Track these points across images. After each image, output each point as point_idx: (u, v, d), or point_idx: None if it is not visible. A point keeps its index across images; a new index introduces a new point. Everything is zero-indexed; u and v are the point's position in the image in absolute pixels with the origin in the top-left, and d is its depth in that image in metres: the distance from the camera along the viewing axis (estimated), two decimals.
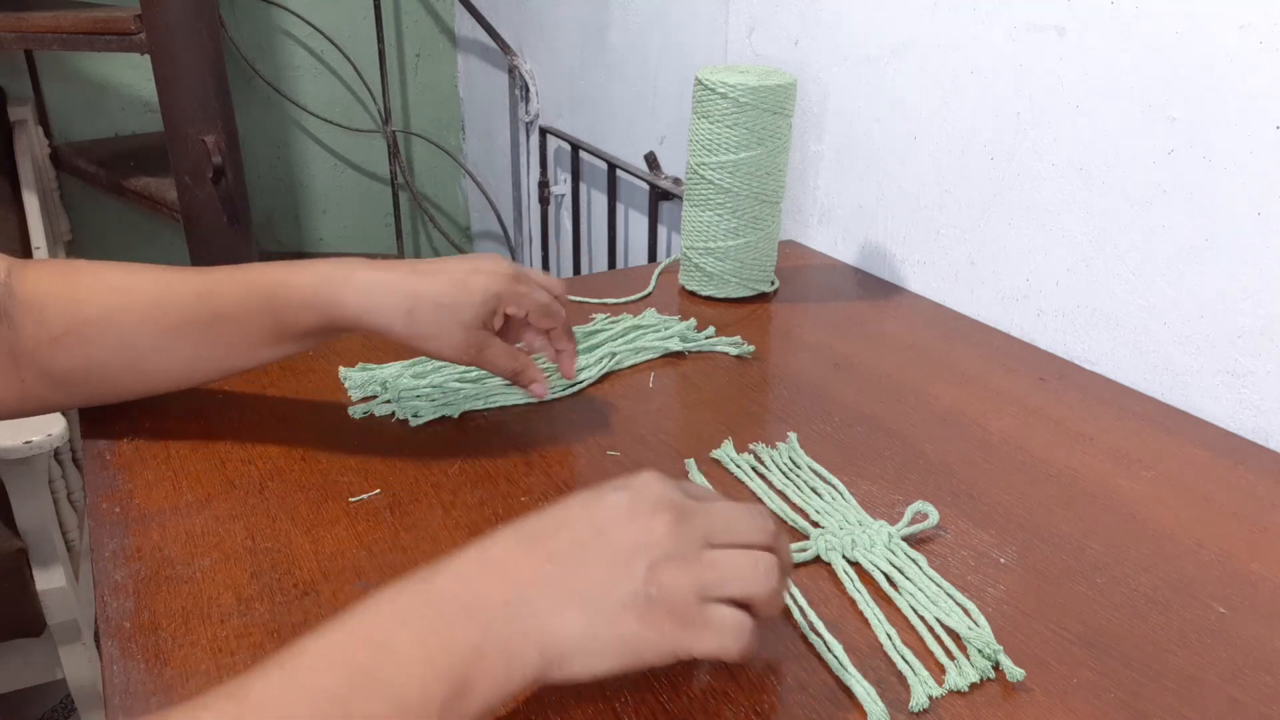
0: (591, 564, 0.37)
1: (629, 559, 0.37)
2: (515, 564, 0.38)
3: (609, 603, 0.37)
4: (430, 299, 0.54)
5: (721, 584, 0.38)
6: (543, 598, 0.37)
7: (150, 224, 1.89)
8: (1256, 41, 0.62)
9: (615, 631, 0.37)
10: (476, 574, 0.37)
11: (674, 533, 0.38)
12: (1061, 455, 0.62)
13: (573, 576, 0.37)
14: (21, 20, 1.33)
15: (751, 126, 0.78)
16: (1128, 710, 0.42)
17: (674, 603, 0.37)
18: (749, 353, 0.75)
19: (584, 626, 0.36)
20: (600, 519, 0.39)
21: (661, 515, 0.39)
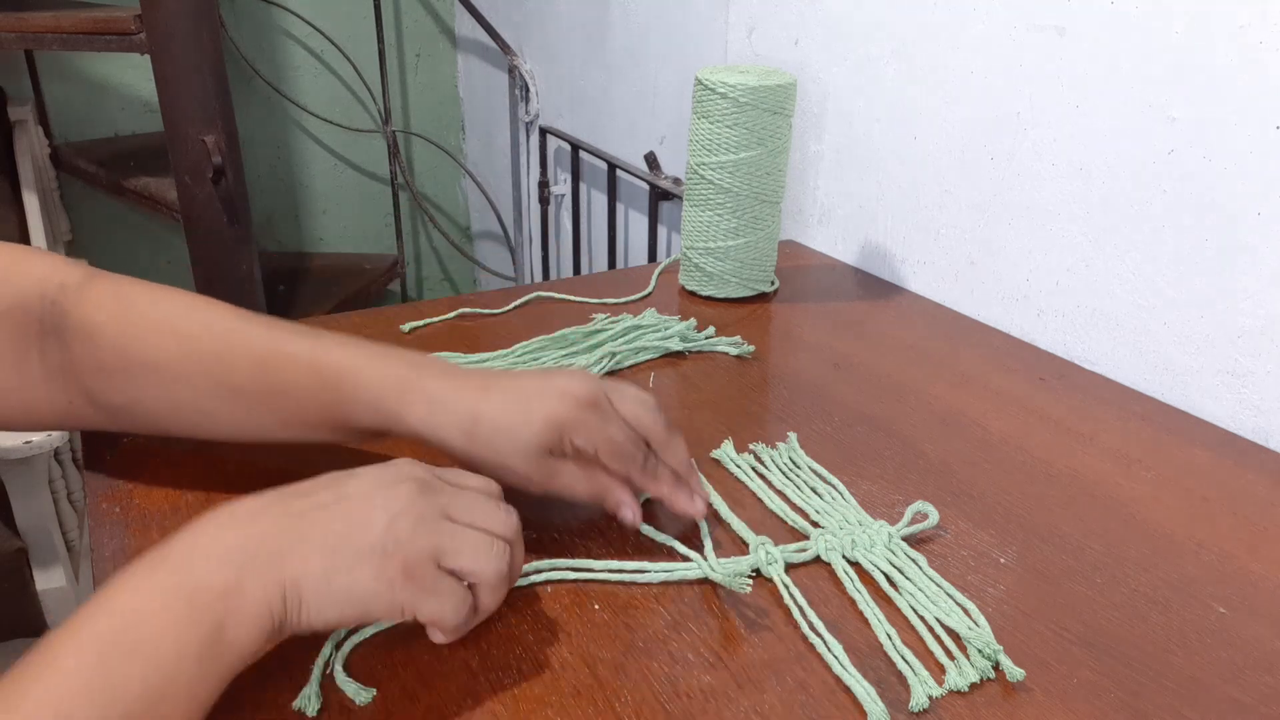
0: (333, 518, 0.39)
1: (370, 514, 0.40)
2: (255, 517, 0.39)
3: (347, 551, 0.39)
4: (488, 422, 0.48)
5: (455, 554, 0.40)
6: (283, 542, 0.38)
7: (150, 224, 1.89)
8: (1256, 41, 0.62)
9: (350, 579, 0.38)
10: (214, 529, 0.38)
11: (415, 500, 0.41)
12: (1061, 455, 0.62)
13: (314, 527, 0.39)
14: (21, 20, 1.33)
15: (751, 126, 0.78)
16: (1128, 710, 0.42)
17: (407, 559, 0.39)
18: (749, 353, 0.75)
19: (321, 571, 0.38)
20: (346, 487, 0.41)
21: (405, 485, 0.41)
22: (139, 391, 0.51)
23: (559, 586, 0.49)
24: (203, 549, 0.37)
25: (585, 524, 0.54)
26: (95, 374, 0.50)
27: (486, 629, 0.46)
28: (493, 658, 0.44)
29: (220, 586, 0.36)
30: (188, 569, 0.36)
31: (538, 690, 0.42)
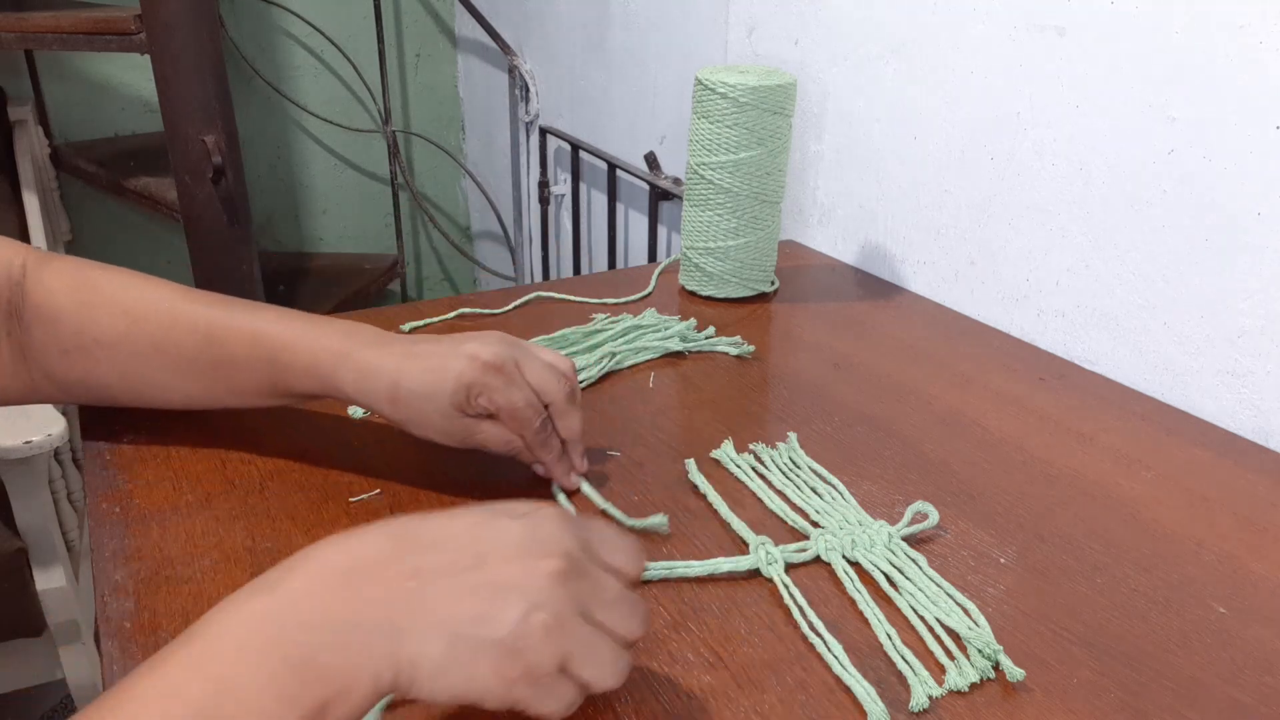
0: (462, 596, 0.35)
1: (504, 600, 0.35)
2: (378, 576, 0.35)
3: (472, 640, 0.35)
4: (407, 386, 0.52)
5: (581, 664, 0.36)
6: (406, 619, 0.34)
7: (150, 224, 1.89)
8: (1256, 41, 0.62)
9: (469, 671, 0.35)
10: (331, 585, 0.34)
11: (556, 588, 0.36)
12: (1061, 455, 0.62)
13: (441, 602, 0.35)
14: (21, 20, 1.33)
15: (751, 126, 0.78)
16: (1128, 710, 0.42)
17: (532, 665, 0.35)
18: (749, 353, 0.75)
19: (441, 657, 0.34)
20: (483, 545, 0.36)
21: (550, 562, 0.36)
22: (94, 366, 0.55)
23: None
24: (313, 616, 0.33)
25: None
26: (56, 355, 0.54)
27: None
28: None
29: (331, 668, 0.33)
30: (294, 642, 0.33)
31: None
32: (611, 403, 0.67)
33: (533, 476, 0.58)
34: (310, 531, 0.52)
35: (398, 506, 0.55)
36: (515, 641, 0.35)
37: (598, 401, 0.68)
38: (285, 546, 0.51)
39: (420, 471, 0.58)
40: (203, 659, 0.32)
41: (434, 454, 0.60)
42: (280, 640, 0.33)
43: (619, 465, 0.60)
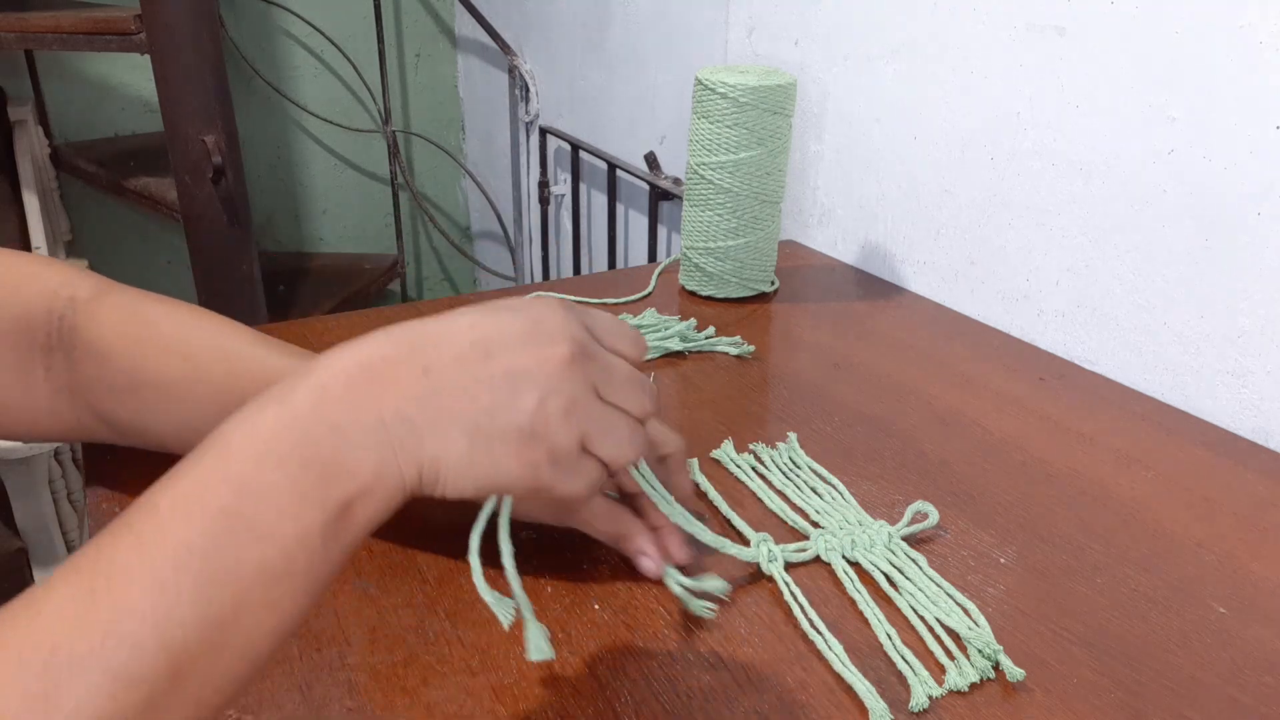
0: (476, 387, 0.35)
1: (518, 388, 0.35)
2: (390, 375, 0.34)
3: (493, 430, 0.35)
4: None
5: (600, 442, 0.37)
6: (424, 416, 0.34)
7: (150, 224, 1.89)
8: (1256, 41, 0.62)
9: (492, 459, 0.35)
10: (345, 387, 0.34)
11: (568, 372, 0.36)
12: (1061, 455, 0.62)
13: (456, 397, 0.35)
14: (21, 20, 1.33)
15: (751, 126, 0.78)
16: (1128, 710, 0.42)
17: (555, 445, 0.36)
18: (749, 353, 0.75)
19: (464, 450, 0.35)
20: (490, 339, 0.36)
21: (559, 348, 0.36)
22: (146, 410, 0.50)
23: (559, 586, 0.49)
24: (331, 413, 0.33)
25: None
26: (105, 393, 0.49)
27: (487, 629, 0.46)
28: (493, 658, 0.44)
29: (352, 467, 0.32)
30: (313, 438, 0.32)
31: (538, 690, 0.42)
32: None
33: None
34: None
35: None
36: (535, 426, 0.35)
37: None
38: None
39: None
40: (220, 468, 0.32)
41: None
42: (300, 443, 0.32)
43: None
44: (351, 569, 0.50)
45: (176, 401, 0.49)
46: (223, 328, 0.52)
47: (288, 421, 0.33)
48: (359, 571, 0.49)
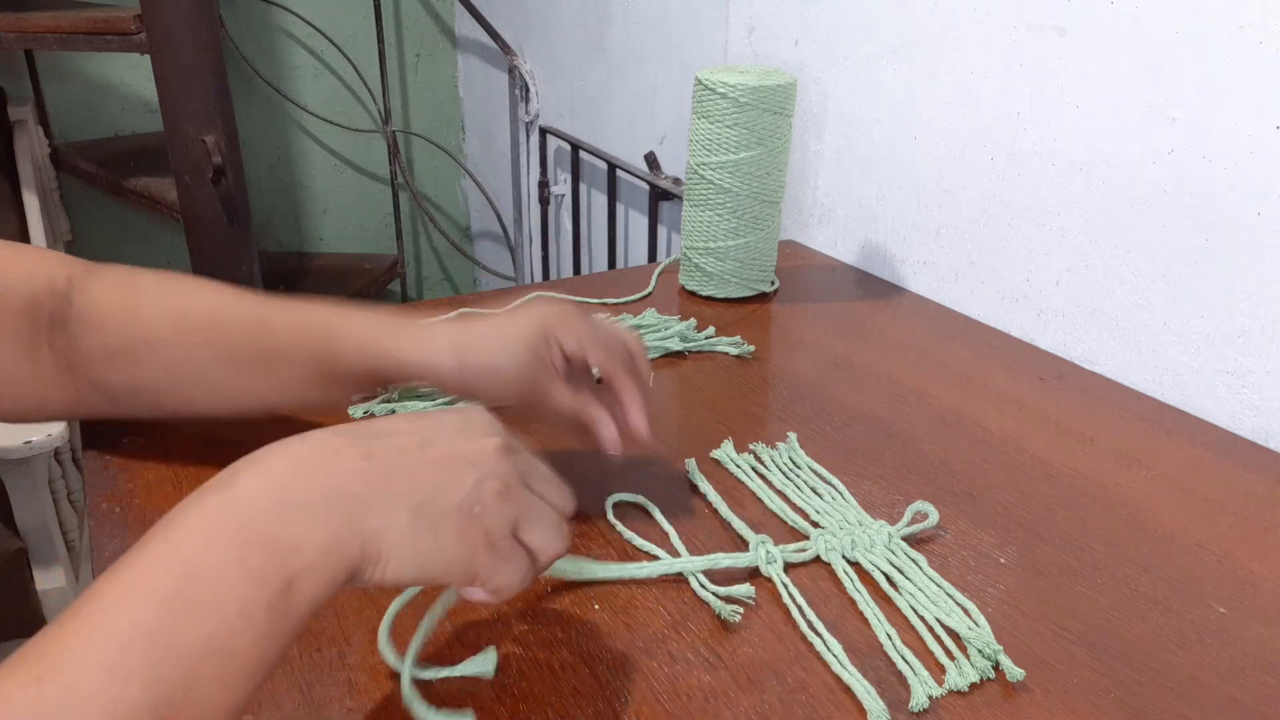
0: (417, 469, 0.37)
1: (458, 469, 0.37)
2: (331, 460, 0.35)
3: (435, 507, 0.36)
4: (477, 342, 0.51)
5: (530, 527, 0.39)
6: (368, 493, 0.35)
7: (150, 224, 1.89)
8: (1256, 41, 0.62)
9: (434, 536, 0.36)
10: (289, 470, 0.35)
11: (501, 460, 0.38)
12: (1061, 455, 0.62)
13: (398, 477, 0.36)
14: (21, 20, 1.33)
15: (751, 126, 0.78)
16: (1128, 710, 0.42)
17: (491, 526, 0.37)
18: (749, 353, 0.75)
19: (408, 526, 0.35)
20: (428, 433, 0.38)
21: (492, 439, 0.39)
22: (142, 370, 0.53)
23: (559, 586, 0.49)
24: (278, 496, 0.34)
25: (585, 524, 0.54)
26: (103, 361, 0.52)
27: (487, 629, 0.46)
28: None
29: (294, 541, 0.33)
30: (258, 517, 0.33)
31: (538, 690, 0.42)
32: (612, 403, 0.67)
33: None
34: None
35: None
36: (473, 505, 0.37)
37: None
38: None
39: None
40: (167, 552, 0.32)
41: None
42: (245, 523, 0.33)
43: (619, 465, 0.60)
44: None
45: (170, 356, 0.52)
46: (208, 286, 0.55)
47: (232, 504, 0.33)
48: None
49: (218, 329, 0.53)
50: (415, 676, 0.42)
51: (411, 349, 0.52)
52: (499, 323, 0.52)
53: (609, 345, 0.52)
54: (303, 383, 0.53)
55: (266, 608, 0.32)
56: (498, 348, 0.51)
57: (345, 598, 0.47)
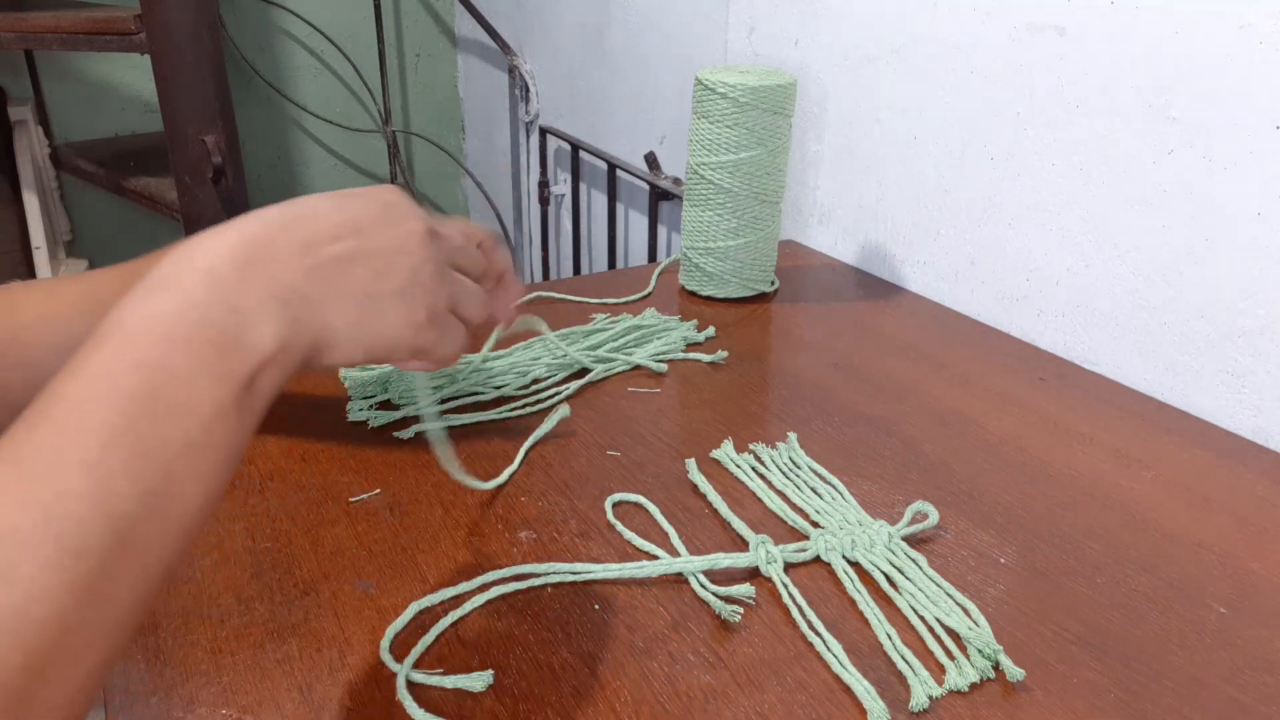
0: (356, 263, 0.39)
1: (394, 259, 0.40)
2: (272, 254, 0.37)
3: (377, 296, 0.39)
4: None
5: (461, 302, 0.44)
6: (314, 289, 0.37)
7: (150, 224, 1.89)
8: (1256, 41, 0.62)
9: (381, 323, 0.40)
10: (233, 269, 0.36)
11: (430, 245, 0.42)
12: (1061, 455, 0.62)
13: (339, 273, 0.38)
14: (21, 20, 1.33)
15: (751, 126, 0.78)
16: (1128, 710, 0.42)
17: (432, 304, 0.41)
18: (722, 358, 0.75)
19: (354, 317, 0.39)
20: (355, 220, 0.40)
21: (417, 224, 0.42)
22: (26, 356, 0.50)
23: (559, 587, 0.49)
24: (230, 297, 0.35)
25: (585, 524, 0.54)
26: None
27: (487, 629, 0.46)
28: (493, 658, 0.44)
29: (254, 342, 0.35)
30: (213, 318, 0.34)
31: (538, 690, 0.42)
32: (611, 403, 0.67)
33: (527, 464, 0.58)
34: (310, 531, 0.52)
35: (397, 506, 0.55)
36: (414, 289, 0.41)
37: (598, 401, 0.68)
38: (285, 546, 0.51)
39: (420, 471, 0.58)
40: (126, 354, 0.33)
41: (434, 454, 0.60)
42: (202, 325, 0.34)
43: (619, 465, 0.60)
44: (351, 569, 0.50)
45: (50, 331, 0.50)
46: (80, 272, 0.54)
47: (184, 307, 0.34)
48: (359, 572, 0.49)
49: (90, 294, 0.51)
50: (410, 679, 0.42)
51: None
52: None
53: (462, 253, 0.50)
54: None
55: (235, 403, 0.34)
56: None
57: (345, 598, 0.47)
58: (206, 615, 0.46)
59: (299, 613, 0.46)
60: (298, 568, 0.50)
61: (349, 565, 0.50)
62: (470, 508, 0.55)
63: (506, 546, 0.52)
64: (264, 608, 0.47)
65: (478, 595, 0.47)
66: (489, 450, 0.61)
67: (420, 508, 0.55)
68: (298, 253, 0.38)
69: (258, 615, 0.46)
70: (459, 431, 0.63)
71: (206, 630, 0.45)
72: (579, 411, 0.66)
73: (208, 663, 0.43)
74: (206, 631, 0.45)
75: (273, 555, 0.50)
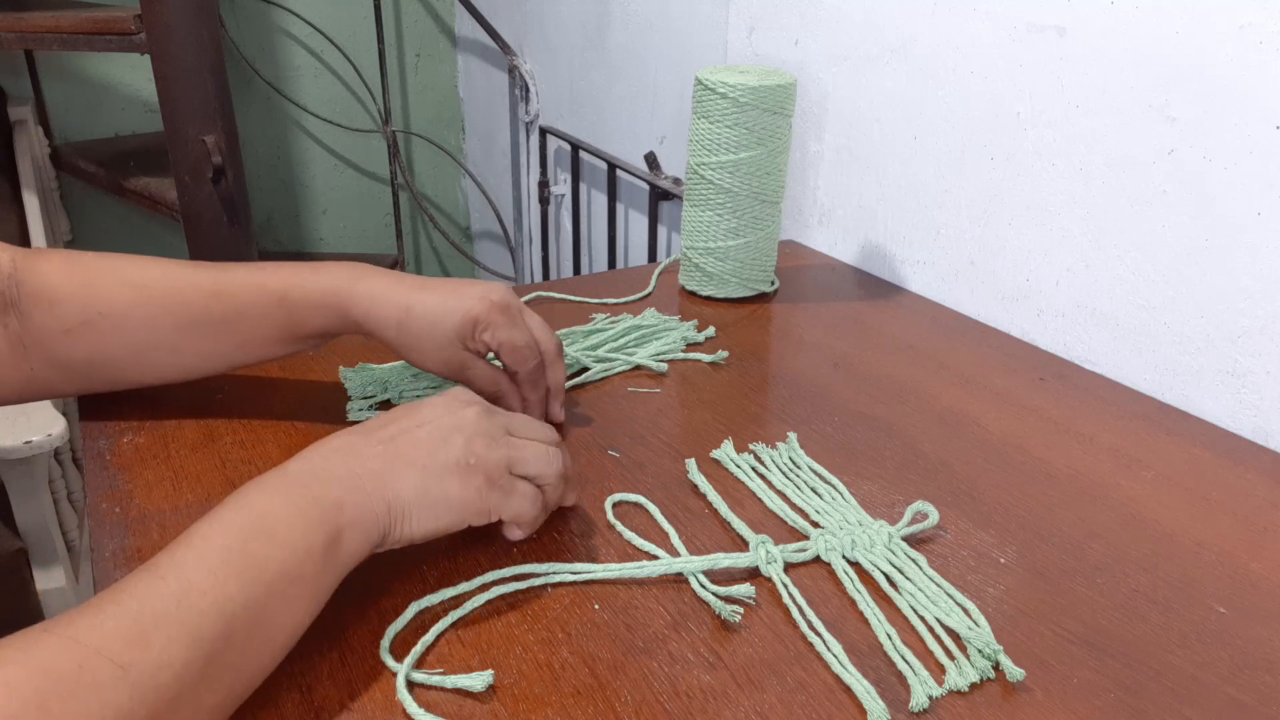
0: (419, 442, 0.46)
1: (449, 435, 0.47)
2: (354, 448, 0.46)
3: (436, 467, 0.46)
4: (418, 311, 0.57)
5: (523, 462, 0.48)
6: (383, 466, 0.45)
7: (150, 224, 1.89)
8: (1256, 41, 0.62)
9: (443, 490, 0.46)
10: (321, 459, 0.45)
11: (483, 419, 0.48)
12: (1061, 455, 0.62)
13: (405, 451, 0.46)
14: (21, 20, 1.33)
15: (751, 126, 0.78)
16: (1128, 710, 0.42)
17: (488, 469, 0.46)
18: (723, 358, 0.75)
19: (418, 484, 0.45)
20: (421, 414, 0.48)
21: (472, 407, 0.49)
22: (101, 339, 0.55)
23: (560, 587, 0.49)
24: (319, 473, 0.44)
25: (585, 525, 0.54)
26: (60, 336, 0.55)
27: (487, 629, 0.46)
28: (493, 658, 0.44)
29: (337, 502, 0.43)
30: (310, 486, 0.43)
31: (538, 690, 0.42)
32: (612, 403, 0.67)
33: None
34: None
35: None
36: (467, 458, 0.46)
37: (598, 401, 0.68)
38: None
39: None
40: (243, 505, 0.41)
41: None
42: (300, 487, 0.43)
43: (619, 465, 0.60)
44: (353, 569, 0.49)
45: (130, 325, 0.56)
46: (159, 259, 0.58)
47: (286, 476, 0.44)
48: (359, 571, 0.49)
49: (176, 297, 0.56)
50: (410, 678, 0.42)
51: (364, 308, 0.57)
52: (442, 297, 0.57)
53: (520, 354, 0.58)
54: (263, 340, 0.58)
55: (323, 548, 0.42)
56: (431, 324, 0.57)
57: (345, 598, 0.47)
58: None
59: None
60: None
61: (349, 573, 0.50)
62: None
63: (506, 546, 0.52)
64: None
65: (478, 595, 0.47)
66: None
67: None
68: (375, 444, 0.46)
69: None
70: None
71: None
72: (579, 411, 0.66)
73: None
74: None
75: None
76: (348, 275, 0.57)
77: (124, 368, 0.57)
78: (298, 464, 0.44)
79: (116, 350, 0.56)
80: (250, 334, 0.57)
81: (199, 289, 0.56)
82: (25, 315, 0.54)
